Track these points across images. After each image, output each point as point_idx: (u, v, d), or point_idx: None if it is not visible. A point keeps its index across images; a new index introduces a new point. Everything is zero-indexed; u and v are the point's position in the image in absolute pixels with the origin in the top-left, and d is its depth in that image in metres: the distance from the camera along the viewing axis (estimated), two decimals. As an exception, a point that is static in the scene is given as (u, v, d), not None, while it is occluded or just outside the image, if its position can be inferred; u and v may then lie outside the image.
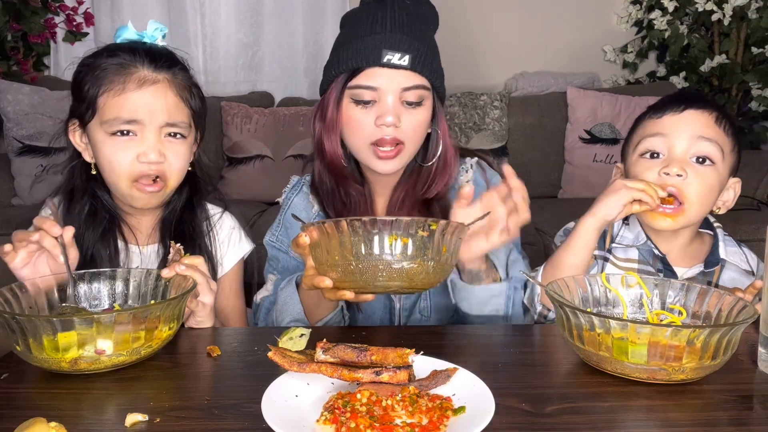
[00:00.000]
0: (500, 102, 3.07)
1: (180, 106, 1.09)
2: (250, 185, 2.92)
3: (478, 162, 1.23)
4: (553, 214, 2.55)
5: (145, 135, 1.05)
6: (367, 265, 0.81)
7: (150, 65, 1.07)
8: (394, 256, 0.80)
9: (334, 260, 0.82)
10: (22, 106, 2.73)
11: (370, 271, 0.81)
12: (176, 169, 1.09)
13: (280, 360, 0.72)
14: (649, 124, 1.12)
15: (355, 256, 0.81)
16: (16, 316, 0.76)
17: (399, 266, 0.81)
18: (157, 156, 1.05)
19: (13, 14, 3.02)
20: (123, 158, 1.05)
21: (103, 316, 0.77)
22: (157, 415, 0.68)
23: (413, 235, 0.81)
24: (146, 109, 1.05)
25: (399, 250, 0.80)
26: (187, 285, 0.89)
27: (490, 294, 1.05)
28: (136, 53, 1.07)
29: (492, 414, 0.65)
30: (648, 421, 0.69)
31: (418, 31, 1.09)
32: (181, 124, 1.09)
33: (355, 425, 0.63)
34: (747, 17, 3.16)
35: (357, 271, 0.81)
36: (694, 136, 1.07)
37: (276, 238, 1.24)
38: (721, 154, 1.07)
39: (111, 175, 1.07)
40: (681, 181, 1.06)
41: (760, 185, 2.64)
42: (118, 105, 1.04)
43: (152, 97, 1.05)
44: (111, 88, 1.04)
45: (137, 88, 1.05)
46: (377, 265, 0.80)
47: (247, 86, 3.42)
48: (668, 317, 0.88)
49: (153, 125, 1.05)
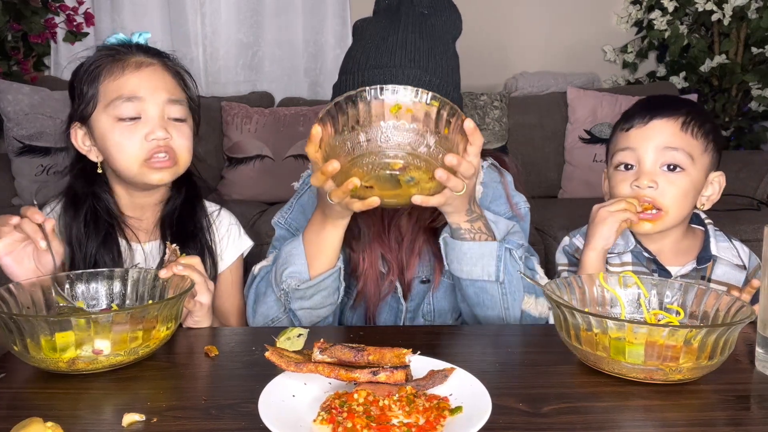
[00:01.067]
0: (500, 102, 3.07)
1: (179, 87, 1.15)
2: (251, 185, 2.92)
3: (491, 164, 1.20)
4: (553, 214, 2.56)
5: (149, 115, 1.09)
6: (374, 135, 0.84)
7: (143, 53, 1.13)
8: (400, 121, 0.83)
9: (343, 140, 0.85)
10: (22, 106, 2.73)
11: (377, 144, 0.84)
12: (184, 147, 1.13)
13: (278, 360, 0.72)
14: (620, 137, 1.16)
15: (362, 126, 0.84)
16: (14, 316, 0.76)
17: (404, 135, 0.83)
18: (164, 133, 1.09)
19: (13, 14, 3.02)
20: (131, 141, 1.08)
21: (101, 316, 0.77)
22: (154, 415, 0.68)
23: (416, 102, 0.84)
24: (147, 86, 1.09)
25: (403, 114, 0.84)
26: (185, 285, 0.89)
27: (480, 252, 1.01)
28: (129, 46, 1.13)
29: (489, 414, 0.65)
30: (645, 421, 0.69)
31: (432, 58, 1.01)
32: (182, 102, 1.14)
33: (352, 425, 0.63)
34: (747, 17, 3.16)
35: (365, 150, 0.84)
36: (659, 147, 1.10)
37: (285, 220, 1.23)
38: (689, 159, 1.10)
39: (122, 161, 1.09)
40: (654, 192, 1.10)
41: (760, 185, 2.64)
42: (118, 85, 1.09)
43: (150, 75, 1.11)
44: (110, 74, 1.09)
45: (135, 70, 1.10)
46: (384, 130, 0.83)
47: (247, 86, 3.42)
48: (666, 317, 0.88)
49: (155, 102, 1.09)
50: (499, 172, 1.19)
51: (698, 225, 1.22)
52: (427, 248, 1.14)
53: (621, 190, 1.14)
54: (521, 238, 1.09)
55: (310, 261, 1.05)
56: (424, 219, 1.14)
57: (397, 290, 1.17)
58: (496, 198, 1.16)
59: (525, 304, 1.06)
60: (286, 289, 1.05)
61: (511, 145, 3.08)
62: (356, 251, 1.14)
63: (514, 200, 1.18)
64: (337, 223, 1.03)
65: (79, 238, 1.12)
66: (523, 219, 1.17)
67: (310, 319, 1.07)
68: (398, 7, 1.04)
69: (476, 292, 1.05)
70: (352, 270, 1.15)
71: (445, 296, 1.17)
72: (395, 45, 1.00)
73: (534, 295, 1.06)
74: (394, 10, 1.05)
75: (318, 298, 1.06)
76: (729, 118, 3.31)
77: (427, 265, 1.16)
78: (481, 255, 1.02)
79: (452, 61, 1.05)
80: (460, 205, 0.98)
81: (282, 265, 1.07)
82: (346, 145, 0.85)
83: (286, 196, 1.32)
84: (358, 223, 1.14)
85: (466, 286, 1.05)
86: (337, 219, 1.02)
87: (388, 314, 1.19)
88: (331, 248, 1.05)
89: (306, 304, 1.05)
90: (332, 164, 0.86)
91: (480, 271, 1.02)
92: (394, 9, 1.05)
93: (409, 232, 1.15)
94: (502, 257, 1.02)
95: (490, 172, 1.19)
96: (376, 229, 1.14)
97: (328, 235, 1.04)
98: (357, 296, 1.16)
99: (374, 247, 1.14)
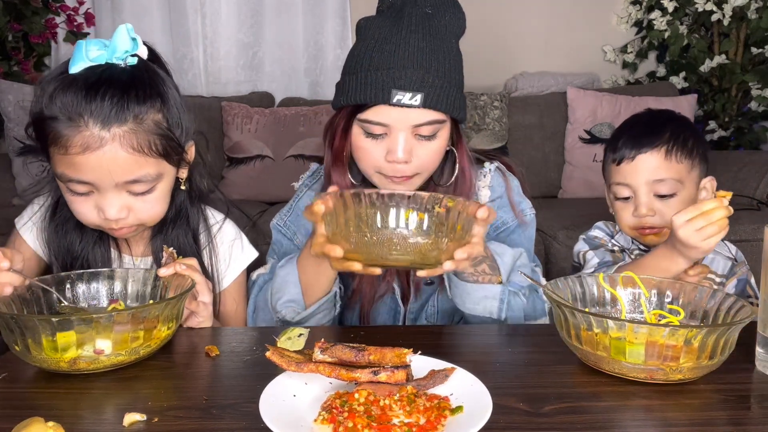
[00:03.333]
0: (500, 102, 3.07)
1: (140, 161, 0.93)
2: (251, 185, 2.92)
3: (497, 168, 1.20)
4: (553, 214, 2.56)
5: (102, 194, 0.94)
6: (382, 238, 0.80)
7: (96, 120, 0.89)
8: (409, 230, 0.80)
9: (349, 231, 0.82)
10: (23, 106, 2.73)
11: (384, 244, 0.80)
12: (148, 217, 1.00)
13: (278, 360, 0.72)
14: (612, 170, 1.23)
15: (370, 228, 0.80)
16: (15, 316, 0.76)
17: (414, 241, 0.80)
18: (117, 212, 0.94)
19: (14, 14, 3.02)
20: (85, 211, 0.97)
21: (102, 316, 0.77)
22: (155, 415, 0.68)
23: (430, 210, 0.80)
24: (94, 173, 0.91)
25: (415, 224, 0.80)
26: (185, 285, 0.89)
27: (483, 294, 1.02)
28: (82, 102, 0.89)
29: (489, 413, 0.65)
30: (645, 421, 0.69)
31: (436, 58, 1.01)
32: (144, 178, 0.94)
33: (353, 425, 0.63)
34: (747, 17, 3.16)
35: (371, 243, 0.81)
36: (649, 181, 1.17)
37: (284, 223, 1.22)
38: (680, 184, 1.17)
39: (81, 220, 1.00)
40: (653, 218, 1.18)
41: (759, 185, 2.64)
42: (64, 163, 0.92)
43: (99, 160, 0.90)
44: (57, 143, 0.91)
45: (81, 152, 0.89)
46: (392, 238, 0.80)
47: (247, 86, 3.42)
48: (666, 317, 0.88)
49: (105, 186, 0.93)
50: (504, 177, 1.19)
51: None
52: None
53: (622, 219, 1.22)
54: (527, 264, 1.08)
55: (305, 289, 1.04)
56: None
57: (396, 292, 1.16)
58: (503, 205, 1.16)
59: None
60: (282, 318, 1.05)
61: (511, 145, 3.08)
62: None
63: (520, 207, 1.18)
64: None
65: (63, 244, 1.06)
66: (528, 226, 1.18)
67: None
68: (402, 6, 1.04)
69: (478, 322, 1.06)
70: None
71: (448, 299, 1.17)
72: (398, 45, 1.00)
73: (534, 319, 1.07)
74: (398, 9, 1.04)
75: (314, 320, 1.06)
76: (729, 118, 3.31)
77: None
78: (484, 296, 1.02)
79: (455, 61, 1.05)
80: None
81: (277, 292, 1.06)
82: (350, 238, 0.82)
83: (286, 196, 1.32)
84: None
85: (468, 316, 1.06)
86: None
87: (387, 315, 1.19)
88: (326, 278, 1.03)
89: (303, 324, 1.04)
90: (335, 250, 0.82)
91: (482, 309, 1.03)
92: (398, 8, 1.04)
93: None
94: (506, 300, 1.03)
95: (497, 176, 1.19)
96: None
97: (323, 269, 1.01)
98: (352, 294, 1.16)
99: None
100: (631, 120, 1.25)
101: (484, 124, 3.05)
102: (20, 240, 1.10)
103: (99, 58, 0.92)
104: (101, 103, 0.89)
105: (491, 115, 3.05)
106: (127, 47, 0.94)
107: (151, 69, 0.97)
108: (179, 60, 3.33)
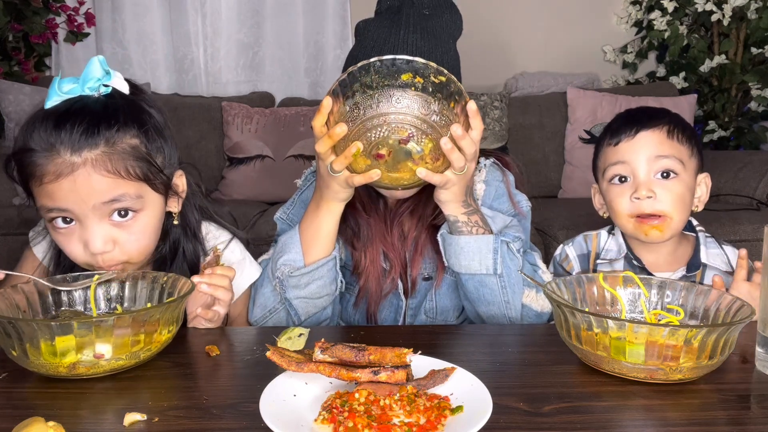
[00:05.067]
0: (500, 102, 3.07)
1: (116, 183, 0.92)
2: (251, 185, 2.92)
3: (493, 162, 1.21)
4: (553, 214, 2.56)
5: (83, 223, 0.93)
6: (384, 101, 0.87)
7: (67, 147, 0.89)
8: (410, 88, 0.87)
9: (354, 103, 0.88)
10: (23, 107, 2.73)
11: (385, 105, 0.87)
12: (134, 250, 0.97)
13: (279, 359, 0.73)
14: (609, 152, 1.18)
15: (373, 92, 0.87)
16: (13, 321, 0.75)
17: (415, 95, 0.87)
18: (102, 245, 0.93)
19: (14, 14, 3.02)
20: (72, 248, 0.95)
21: (103, 320, 0.76)
22: (155, 415, 0.68)
23: (427, 78, 0.87)
24: (68, 199, 0.91)
25: (418, 87, 0.87)
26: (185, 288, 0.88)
27: (477, 246, 1.03)
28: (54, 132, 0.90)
29: (489, 413, 0.65)
30: (645, 421, 0.69)
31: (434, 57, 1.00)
32: (123, 197, 0.92)
33: (353, 425, 0.63)
34: (746, 18, 3.16)
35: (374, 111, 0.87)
36: (651, 157, 1.12)
37: (287, 215, 1.23)
38: (681, 165, 1.13)
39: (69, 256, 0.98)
40: (653, 201, 1.12)
41: (759, 185, 2.64)
42: (42, 194, 0.92)
43: (72, 184, 0.90)
44: (33, 175, 0.92)
45: (54, 180, 0.90)
46: (393, 96, 0.87)
47: (247, 86, 3.42)
48: (666, 317, 0.88)
49: (83, 212, 0.92)
50: (501, 171, 1.20)
51: (690, 231, 1.23)
52: (429, 246, 1.15)
53: (619, 205, 1.15)
54: (519, 232, 1.09)
55: (305, 248, 1.06)
56: (426, 216, 1.14)
57: (398, 287, 1.17)
58: (498, 196, 1.17)
59: (526, 298, 1.07)
60: (281, 277, 1.06)
61: (511, 145, 3.08)
62: (358, 249, 1.15)
63: (516, 198, 1.19)
64: (333, 207, 1.04)
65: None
66: (525, 217, 1.18)
67: (306, 310, 1.07)
68: (400, 7, 1.05)
69: (476, 286, 1.06)
70: (354, 267, 1.16)
71: (447, 293, 1.17)
72: (397, 46, 1.01)
73: (534, 289, 1.07)
74: (395, 10, 1.06)
75: (314, 287, 1.06)
76: (729, 118, 3.31)
77: (430, 263, 1.17)
78: (478, 249, 1.03)
79: (453, 62, 1.06)
80: (458, 191, 1.00)
81: (278, 253, 1.08)
82: (354, 111, 0.88)
83: (286, 196, 1.32)
84: (360, 222, 1.15)
85: (465, 281, 1.06)
86: (333, 201, 1.03)
87: (389, 311, 1.20)
88: (326, 235, 1.06)
89: (302, 293, 1.06)
90: (340, 126, 0.89)
91: (478, 265, 1.04)
92: (395, 10, 1.06)
93: (412, 230, 1.16)
94: (499, 250, 1.04)
95: (492, 170, 1.19)
96: (379, 228, 1.15)
97: (323, 221, 1.05)
98: (359, 293, 1.17)
99: (376, 245, 1.15)
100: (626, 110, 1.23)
101: (484, 124, 3.04)
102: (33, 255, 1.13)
103: (72, 91, 0.92)
104: (71, 130, 0.89)
105: (491, 115, 3.05)
106: (98, 76, 0.93)
107: (128, 98, 0.96)
108: (179, 60, 3.33)
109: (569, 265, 1.27)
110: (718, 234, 1.28)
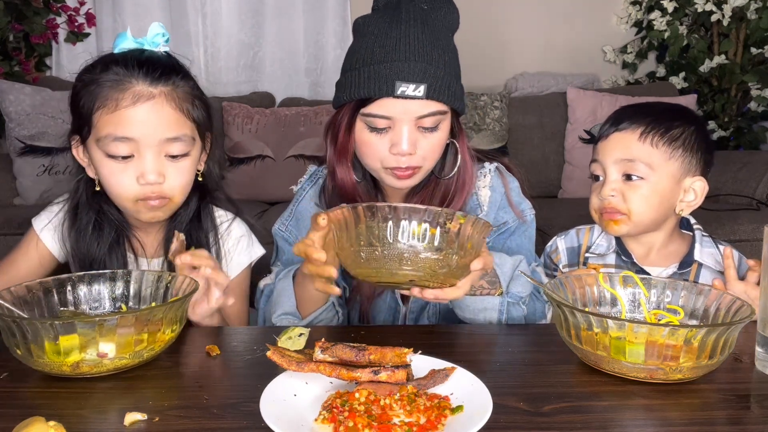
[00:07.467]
0: (500, 102, 3.07)
1: (180, 120, 1.05)
2: (251, 185, 2.92)
3: (497, 168, 1.21)
4: (553, 214, 2.56)
5: (143, 155, 1.02)
6: (393, 252, 0.80)
7: (146, 79, 1.02)
8: (421, 244, 0.80)
9: (359, 245, 0.81)
10: (24, 107, 2.73)
11: (395, 258, 0.80)
12: (179, 186, 1.07)
13: (279, 359, 0.73)
14: (594, 149, 1.23)
15: (381, 242, 0.80)
16: (17, 320, 0.75)
17: (425, 256, 0.80)
18: (155, 176, 1.02)
19: (15, 15, 3.02)
20: (122, 180, 1.03)
21: (107, 319, 0.76)
22: (156, 414, 0.68)
23: (442, 226, 0.80)
24: (141, 127, 1.01)
25: (427, 240, 0.80)
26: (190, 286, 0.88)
27: (483, 306, 1.03)
28: (132, 66, 1.02)
29: (489, 413, 0.65)
30: (645, 421, 0.69)
31: (435, 50, 1.03)
32: (183, 137, 1.05)
33: (354, 424, 0.63)
34: (746, 18, 3.16)
35: (382, 257, 0.80)
36: (618, 159, 1.16)
37: (286, 228, 1.22)
38: (648, 169, 1.14)
39: (113, 196, 1.07)
40: (615, 200, 1.17)
41: (759, 185, 2.64)
42: (112, 122, 1.00)
43: (147, 113, 1.01)
44: (105, 104, 1.01)
45: (131, 105, 1.00)
46: (402, 253, 0.80)
47: (248, 86, 3.42)
48: (666, 317, 0.88)
49: (149, 143, 1.02)
50: (503, 177, 1.20)
51: (688, 230, 1.24)
52: None
53: (592, 200, 1.22)
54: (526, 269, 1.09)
55: (299, 302, 1.06)
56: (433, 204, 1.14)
57: (395, 291, 1.17)
58: (504, 206, 1.17)
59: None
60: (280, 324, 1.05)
61: (511, 145, 3.08)
62: None
63: (520, 207, 1.19)
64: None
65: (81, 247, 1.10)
66: (528, 226, 1.19)
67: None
68: (398, 3, 1.06)
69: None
70: None
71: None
72: (398, 39, 1.02)
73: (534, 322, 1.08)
74: (393, 6, 1.06)
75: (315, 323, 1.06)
76: (728, 118, 3.31)
77: None
78: (484, 308, 1.04)
79: (453, 54, 1.08)
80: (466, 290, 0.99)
81: (273, 305, 1.08)
82: (358, 253, 0.82)
83: (286, 196, 1.32)
84: None
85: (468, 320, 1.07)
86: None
87: (386, 314, 1.20)
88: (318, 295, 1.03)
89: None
90: (317, 253, 0.85)
91: (482, 320, 1.04)
92: (393, 5, 1.07)
93: None
94: (504, 310, 1.04)
95: (497, 177, 1.20)
96: None
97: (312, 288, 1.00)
98: (352, 292, 1.17)
99: None
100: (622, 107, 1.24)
101: (484, 124, 3.05)
102: (39, 241, 1.15)
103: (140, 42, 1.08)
104: (148, 66, 1.03)
105: (491, 116, 3.05)
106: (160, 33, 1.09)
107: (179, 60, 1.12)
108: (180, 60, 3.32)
109: (557, 257, 1.29)
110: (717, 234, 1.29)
